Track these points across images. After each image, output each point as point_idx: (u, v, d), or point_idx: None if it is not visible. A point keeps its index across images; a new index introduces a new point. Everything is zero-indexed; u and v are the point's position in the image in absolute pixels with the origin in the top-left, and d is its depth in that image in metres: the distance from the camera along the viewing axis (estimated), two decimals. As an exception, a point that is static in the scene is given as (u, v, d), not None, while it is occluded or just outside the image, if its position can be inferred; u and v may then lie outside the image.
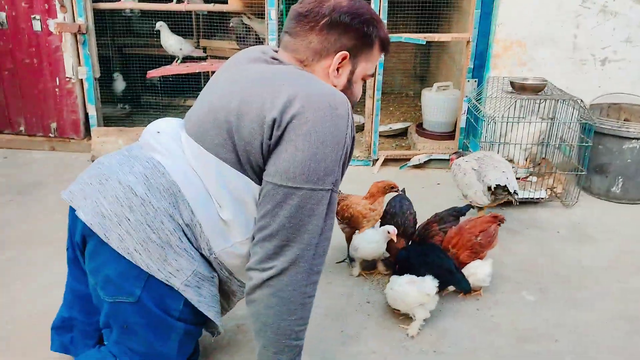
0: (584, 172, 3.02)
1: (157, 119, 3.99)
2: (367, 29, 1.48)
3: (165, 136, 1.50)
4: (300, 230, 1.35)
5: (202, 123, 1.45)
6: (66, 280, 1.67)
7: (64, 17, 3.35)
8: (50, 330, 1.70)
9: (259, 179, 1.42)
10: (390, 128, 4.19)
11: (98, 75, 3.58)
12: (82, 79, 3.51)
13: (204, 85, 4.46)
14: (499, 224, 2.25)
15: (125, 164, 1.47)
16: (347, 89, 1.52)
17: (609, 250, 2.66)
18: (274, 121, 1.33)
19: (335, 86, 1.50)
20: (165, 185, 1.42)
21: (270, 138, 1.35)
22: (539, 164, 3.42)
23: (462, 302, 2.22)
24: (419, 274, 2.02)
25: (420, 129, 3.87)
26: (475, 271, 2.16)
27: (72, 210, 1.50)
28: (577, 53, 3.25)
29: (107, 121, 3.92)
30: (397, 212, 2.35)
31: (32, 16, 3.37)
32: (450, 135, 3.70)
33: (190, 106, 4.65)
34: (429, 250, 2.11)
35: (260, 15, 3.74)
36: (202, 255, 1.48)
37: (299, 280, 1.38)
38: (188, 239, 1.45)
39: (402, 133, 4.18)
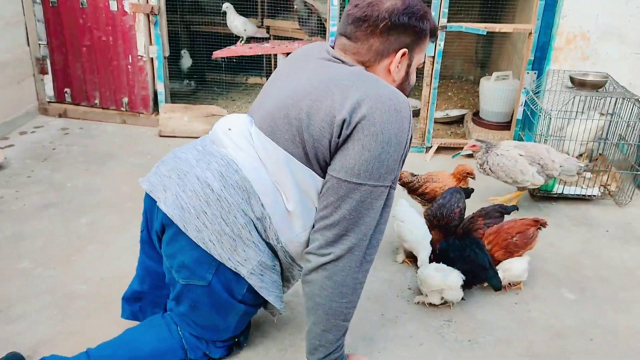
0: (639, 172, 2.99)
1: (220, 95, 4.18)
2: (422, 24, 1.57)
3: (236, 133, 1.63)
4: (358, 222, 1.48)
5: (273, 119, 1.56)
6: (139, 258, 1.88)
7: (138, -1, 3.56)
8: (121, 300, 1.92)
9: (323, 173, 1.54)
10: (447, 115, 4.22)
11: (167, 54, 3.78)
12: (152, 58, 3.72)
13: (265, 64, 4.60)
14: (539, 228, 2.30)
15: (201, 160, 1.62)
16: (405, 81, 1.65)
17: (657, 253, 2.66)
18: (344, 121, 1.44)
19: (394, 81, 1.62)
20: (239, 182, 1.56)
21: (339, 137, 1.46)
22: (596, 159, 3.40)
23: (501, 294, 2.31)
24: (455, 267, 2.12)
25: (477, 118, 3.89)
26: (510, 266, 2.23)
27: (149, 198, 1.68)
28: (644, 49, 3.18)
29: (174, 96, 4.15)
30: (444, 204, 2.44)
31: (110, -4, 3.60)
32: (506, 126, 3.71)
33: (252, 84, 4.83)
34: (467, 245, 2.19)
35: (323, -2, 3.82)
36: (268, 245, 1.64)
37: (352, 267, 1.52)
38: (258, 231, 1.60)
39: (459, 120, 4.21)
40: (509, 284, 2.29)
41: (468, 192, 2.58)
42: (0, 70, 3.57)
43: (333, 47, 1.66)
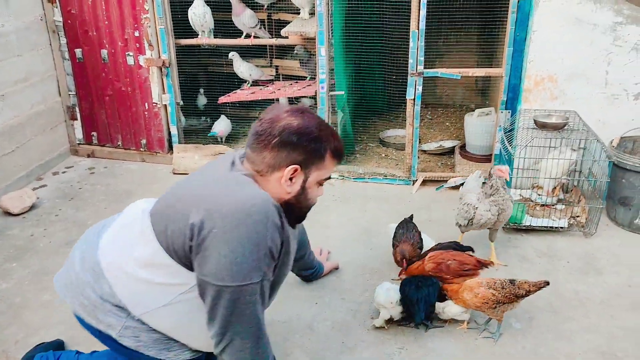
0: (602, 206, 3.18)
1: (233, 130, 4.52)
2: (315, 145, 1.66)
3: (124, 216, 1.87)
4: (238, 315, 1.61)
5: (158, 212, 1.75)
6: None
7: (151, 54, 3.99)
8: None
9: (182, 264, 1.67)
10: (441, 145, 4.47)
11: (179, 100, 4.20)
12: (165, 104, 4.15)
13: (276, 99, 4.86)
14: (481, 268, 2.58)
15: (81, 241, 1.90)
16: (300, 194, 1.74)
17: (611, 283, 2.85)
18: (195, 226, 1.58)
19: (289, 193, 1.72)
20: (91, 264, 1.77)
21: (191, 240, 1.59)
22: (570, 190, 3.60)
23: (455, 324, 2.57)
24: (402, 302, 2.43)
25: (463, 151, 4.14)
26: (446, 306, 2.51)
27: None
28: (609, 88, 3.38)
29: (191, 132, 4.58)
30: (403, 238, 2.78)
31: (127, 53, 4.05)
32: (487, 158, 3.95)
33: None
34: (406, 283, 2.49)
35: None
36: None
37: (247, 347, 1.66)
38: (111, 303, 1.73)
39: (452, 151, 4.45)
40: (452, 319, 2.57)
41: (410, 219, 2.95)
42: (36, 118, 4.07)
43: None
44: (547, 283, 2.42)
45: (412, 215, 3.02)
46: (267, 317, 2.57)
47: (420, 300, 2.41)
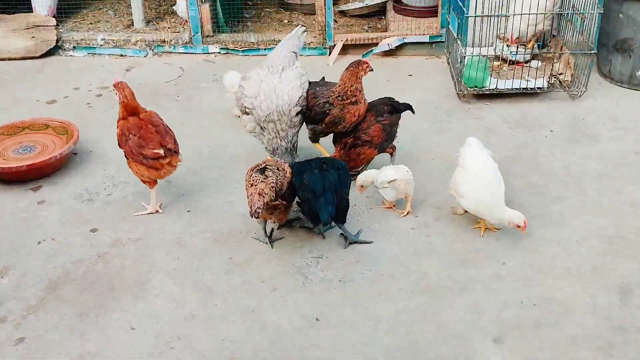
0: (594, 51, 2.96)
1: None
2: None
3: None
4: None
5: None
6: None
7: None
8: None
9: None
10: (365, 4, 4.13)
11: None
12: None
13: None
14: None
15: None
16: None
17: (611, 152, 2.67)
18: None
19: None
20: None
21: None
22: (550, 42, 3.38)
23: (398, 220, 2.29)
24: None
25: (399, 5, 3.82)
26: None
27: None
28: None
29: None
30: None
31: None
32: (433, 11, 3.65)
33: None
34: (309, 166, 2.19)
35: None
36: None
37: None
38: None
39: (380, 11, 4.12)
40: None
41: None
42: None
43: None
44: None
45: (323, 77, 2.74)
46: (113, 235, 2.23)
47: (326, 189, 2.08)
